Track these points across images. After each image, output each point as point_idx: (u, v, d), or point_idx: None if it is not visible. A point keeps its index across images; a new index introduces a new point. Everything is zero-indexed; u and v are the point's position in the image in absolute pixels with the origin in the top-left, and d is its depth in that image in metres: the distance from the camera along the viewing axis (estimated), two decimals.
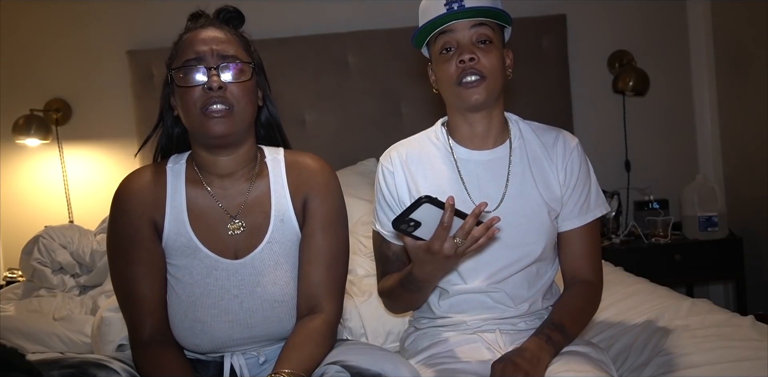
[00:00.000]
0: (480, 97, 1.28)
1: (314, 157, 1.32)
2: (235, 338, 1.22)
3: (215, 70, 1.17)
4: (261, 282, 1.22)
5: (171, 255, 1.23)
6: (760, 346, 1.30)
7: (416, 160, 1.37)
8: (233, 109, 1.17)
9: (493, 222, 1.10)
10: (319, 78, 2.82)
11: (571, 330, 1.28)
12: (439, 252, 1.12)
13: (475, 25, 1.28)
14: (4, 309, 2.15)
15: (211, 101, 1.16)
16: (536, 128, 1.41)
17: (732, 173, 2.92)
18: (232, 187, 1.26)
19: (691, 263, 2.66)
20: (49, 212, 2.83)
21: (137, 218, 1.21)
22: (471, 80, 1.27)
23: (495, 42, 1.30)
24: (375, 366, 1.08)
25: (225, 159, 1.24)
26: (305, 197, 1.27)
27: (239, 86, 1.18)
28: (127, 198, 1.24)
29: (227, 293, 1.21)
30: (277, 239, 1.24)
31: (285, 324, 1.23)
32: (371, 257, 2.14)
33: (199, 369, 1.27)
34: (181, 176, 1.26)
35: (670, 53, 2.98)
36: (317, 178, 1.28)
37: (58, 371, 1.08)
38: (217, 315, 1.20)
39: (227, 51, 1.19)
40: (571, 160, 1.36)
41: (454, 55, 1.28)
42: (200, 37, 1.20)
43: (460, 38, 1.28)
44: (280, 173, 1.28)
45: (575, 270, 1.37)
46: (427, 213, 1.08)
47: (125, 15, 2.83)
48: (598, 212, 1.38)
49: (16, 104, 2.78)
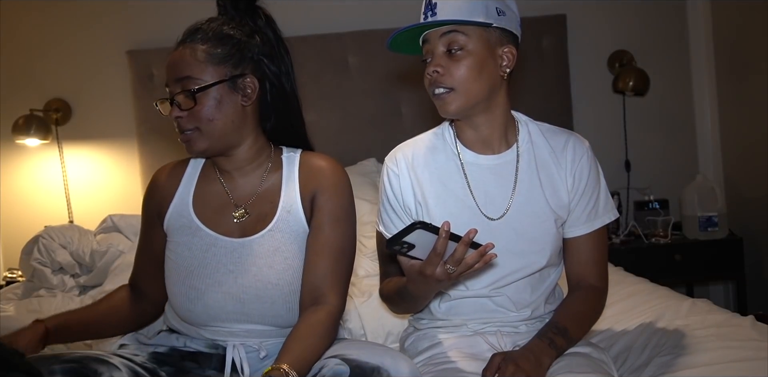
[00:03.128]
0: (450, 107, 1.26)
1: (327, 158, 1.36)
2: (227, 311, 1.25)
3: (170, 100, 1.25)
4: (257, 263, 1.26)
5: (172, 234, 1.32)
6: (760, 346, 1.30)
7: (422, 162, 1.35)
8: (201, 128, 1.24)
9: (487, 249, 1.08)
10: (319, 78, 2.82)
11: (575, 334, 1.27)
12: (431, 276, 1.10)
13: (444, 34, 1.25)
14: (4, 309, 2.15)
15: (180, 127, 1.26)
16: (546, 130, 1.37)
17: (732, 173, 2.92)
18: (243, 180, 1.33)
19: (691, 263, 2.66)
20: (49, 212, 2.83)
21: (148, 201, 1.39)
22: (439, 92, 1.26)
23: (469, 48, 1.24)
24: (374, 359, 1.09)
25: (223, 159, 1.32)
26: (314, 193, 1.30)
27: (198, 107, 1.23)
28: (150, 185, 1.41)
29: (223, 267, 1.27)
30: (281, 228, 1.28)
31: (277, 308, 1.25)
32: (372, 257, 2.14)
33: (200, 363, 1.29)
34: (198, 167, 1.38)
35: (670, 53, 2.98)
36: (327, 176, 1.32)
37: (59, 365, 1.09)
38: (211, 285, 1.26)
39: (183, 72, 1.24)
40: (580, 165, 1.32)
41: (429, 65, 1.27)
42: (170, 60, 1.27)
43: (433, 48, 1.27)
44: (293, 169, 1.33)
45: (581, 277, 1.35)
46: (420, 237, 1.06)
47: (125, 15, 2.82)
48: (607, 219, 1.35)
49: (16, 104, 2.78)
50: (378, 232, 1.43)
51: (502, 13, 1.25)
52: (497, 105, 1.31)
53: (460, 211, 1.31)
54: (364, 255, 2.19)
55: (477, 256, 1.08)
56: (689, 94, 3.01)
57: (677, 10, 2.97)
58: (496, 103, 1.30)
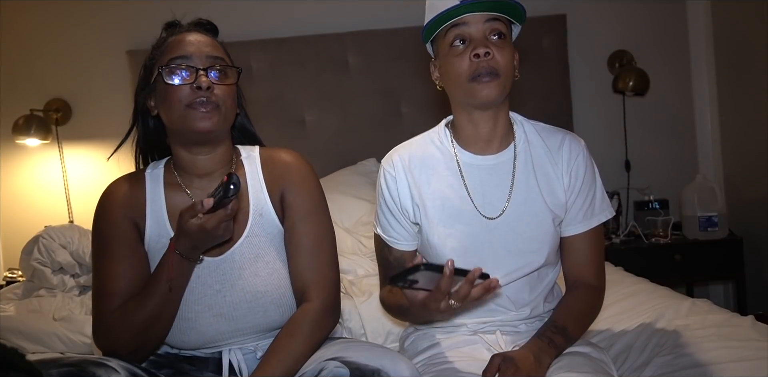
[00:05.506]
0: (492, 93, 1.23)
1: (289, 151, 1.34)
2: (222, 332, 1.24)
3: (203, 71, 1.20)
4: (242, 275, 1.23)
5: (153, 258, 1.24)
6: (760, 346, 1.30)
7: (419, 164, 1.34)
8: (219, 107, 1.20)
9: (492, 285, 1.07)
10: (319, 78, 2.82)
11: (574, 333, 1.28)
12: (436, 310, 1.11)
13: (489, 19, 1.23)
14: (4, 309, 2.15)
15: (198, 99, 1.18)
16: (541, 130, 1.36)
17: (732, 173, 2.92)
18: (210, 187, 1.26)
19: (691, 263, 2.66)
20: (49, 212, 2.83)
21: (120, 219, 1.25)
22: (486, 78, 1.22)
23: (508, 39, 1.26)
24: (374, 361, 1.09)
25: (204, 158, 1.27)
26: (282, 190, 1.29)
27: (225, 88, 1.22)
28: (110, 203, 1.28)
29: (209, 288, 1.23)
30: (257, 233, 1.26)
31: (271, 315, 1.25)
32: (371, 257, 2.14)
33: (197, 366, 1.28)
34: (159, 180, 1.29)
35: (670, 53, 2.98)
36: (292, 171, 1.31)
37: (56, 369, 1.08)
38: (201, 311, 1.22)
39: (215, 53, 1.23)
40: (576, 163, 1.32)
41: (467, 49, 1.23)
42: (188, 39, 1.23)
43: (474, 32, 1.23)
44: (255, 169, 1.31)
45: (578, 275, 1.35)
46: (425, 275, 1.07)
47: (125, 15, 2.83)
48: (603, 217, 1.35)
49: (16, 104, 2.78)
50: (376, 235, 1.42)
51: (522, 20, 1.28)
52: (505, 103, 1.31)
53: (458, 212, 1.31)
54: (364, 255, 2.19)
55: (482, 290, 1.07)
56: (689, 94, 3.01)
57: (677, 10, 2.97)
58: (505, 101, 1.31)
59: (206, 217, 1.07)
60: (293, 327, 1.21)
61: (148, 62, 1.27)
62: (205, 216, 1.07)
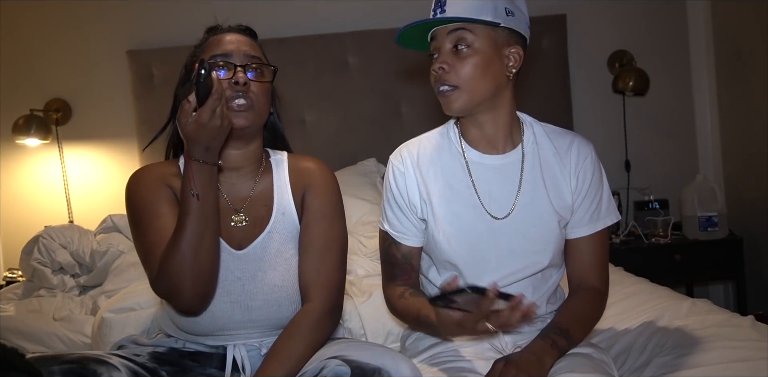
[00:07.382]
0: (454, 105, 1.27)
1: (315, 159, 1.40)
2: (234, 320, 1.26)
3: (241, 68, 1.25)
4: (261, 267, 1.27)
5: None
6: (760, 346, 1.30)
7: (428, 161, 1.35)
8: (254, 105, 1.26)
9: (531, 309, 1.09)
10: (319, 78, 2.81)
11: (576, 336, 1.28)
12: (470, 329, 1.12)
13: (451, 31, 1.25)
14: (4, 309, 2.15)
15: (234, 95, 1.24)
16: (550, 132, 1.37)
17: (732, 173, 2.92)
18: (239, 182, 1.33)
19: (691, 263, 2.66)
20: (49, 212, 2.83)
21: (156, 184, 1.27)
22: (444, 89, 1.27)
23: (476, 46, 1.25)
24: (375, 360, 1.10)
25: (235, 153, 1.32)
26: (303, 192, 1.34)
27: (261, 85, 1.28)
28: (144, 174, 1.30)
29: (231, 274, 1.26)
30: (278, 230, 1.31)
31: (283, 310, 1.27)
32: (371, 257, 2.14)
33: (201, 362, 1.29)
34: None
35: (670, 53, 2.98)
36: (315, 175, 1.36)
37: (58, 366, 1.09)
38: (219, 295, 1.25)
39: (253, 52, 1.29)
40: (584, 166, 1.33)
41: (435, 62, 1.28)
42: (227, 38, 1.30)
43: (440, 45, 1.27)
44: (283, 172, 1.36)
45: (582, 278, 1.35)
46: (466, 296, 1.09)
47: (125, 15, 2.82)
48: (609, 220, 1.36)
49: (16, 104, 2.78)
50: (381, 231, 1.42)
51: (511, 14, 1.27)
52: (502, 104, 1.31)
53: (464, 210, 1.31)
54: (364, 255, 2.19)
55: (521, 317, 1.08)
56: (689, 94, 3.01)
57: (677, 10, 2.97)
58: (501, 102, 1.31)
59: (198, 112, 1.08)
60: (293, 328, 1.23)
61: (189, 60, 1.33)
62: (197, 112, 1.08)
